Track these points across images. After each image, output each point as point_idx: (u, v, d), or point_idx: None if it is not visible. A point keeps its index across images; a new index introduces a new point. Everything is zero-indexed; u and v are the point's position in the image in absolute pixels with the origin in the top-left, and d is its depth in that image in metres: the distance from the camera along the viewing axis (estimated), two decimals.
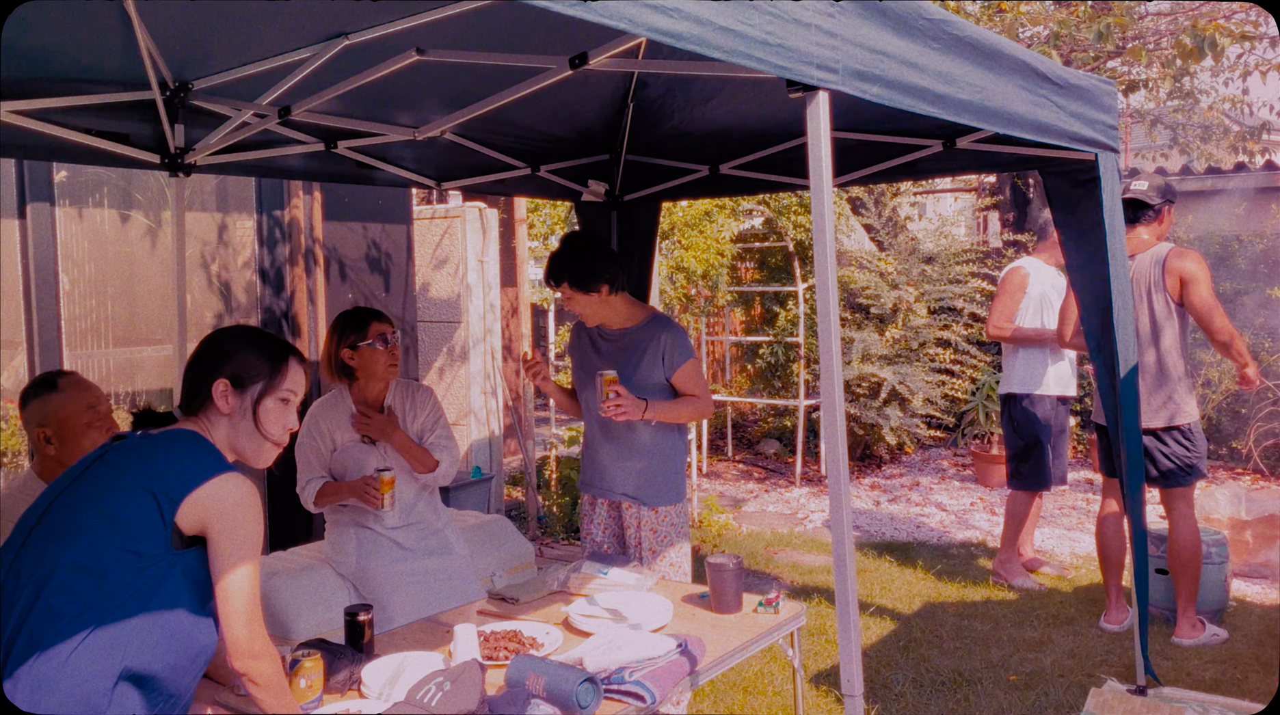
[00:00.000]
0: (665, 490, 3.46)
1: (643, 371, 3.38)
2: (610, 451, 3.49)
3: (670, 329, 3.42)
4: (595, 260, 3.36)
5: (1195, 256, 4.30)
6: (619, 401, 3.21)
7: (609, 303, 3.40)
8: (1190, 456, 4.30)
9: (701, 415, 3.54)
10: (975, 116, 2.65)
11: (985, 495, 7.26)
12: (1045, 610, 4.81)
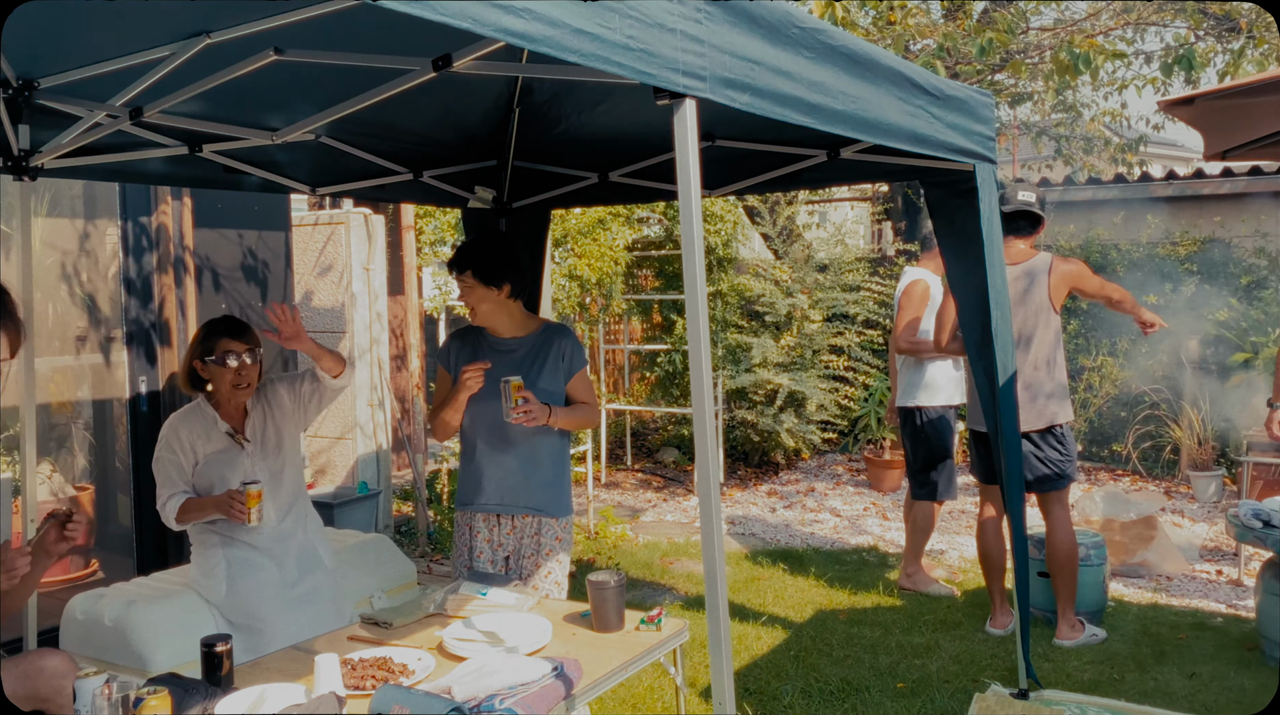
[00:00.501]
0: (566, 500, 3.44)
1: (545, 378, 3.33)
2: (511, 463, 3.38)
3: (568, 335, 3.42)
4: (505, 257, 3.32)
5: (1074, 260, 4.51)
6: (528, 407, 3.14)
7: (504, 305, 3.34)
8: (1064, 460, 4.41)
9: (592, 423, 3.53)
10: (850, 127, 2.64)
11: (878, 500, 7.35)
12: (934, 616, 4.86)
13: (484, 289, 3.29)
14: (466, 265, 3.29)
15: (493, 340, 3.42)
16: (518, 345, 3.38)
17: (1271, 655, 4.25)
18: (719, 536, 2.04)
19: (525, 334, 3.39)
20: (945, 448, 5.08)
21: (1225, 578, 5.47)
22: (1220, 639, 4.56)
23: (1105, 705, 3.82)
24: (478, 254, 3.30)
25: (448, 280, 6.62)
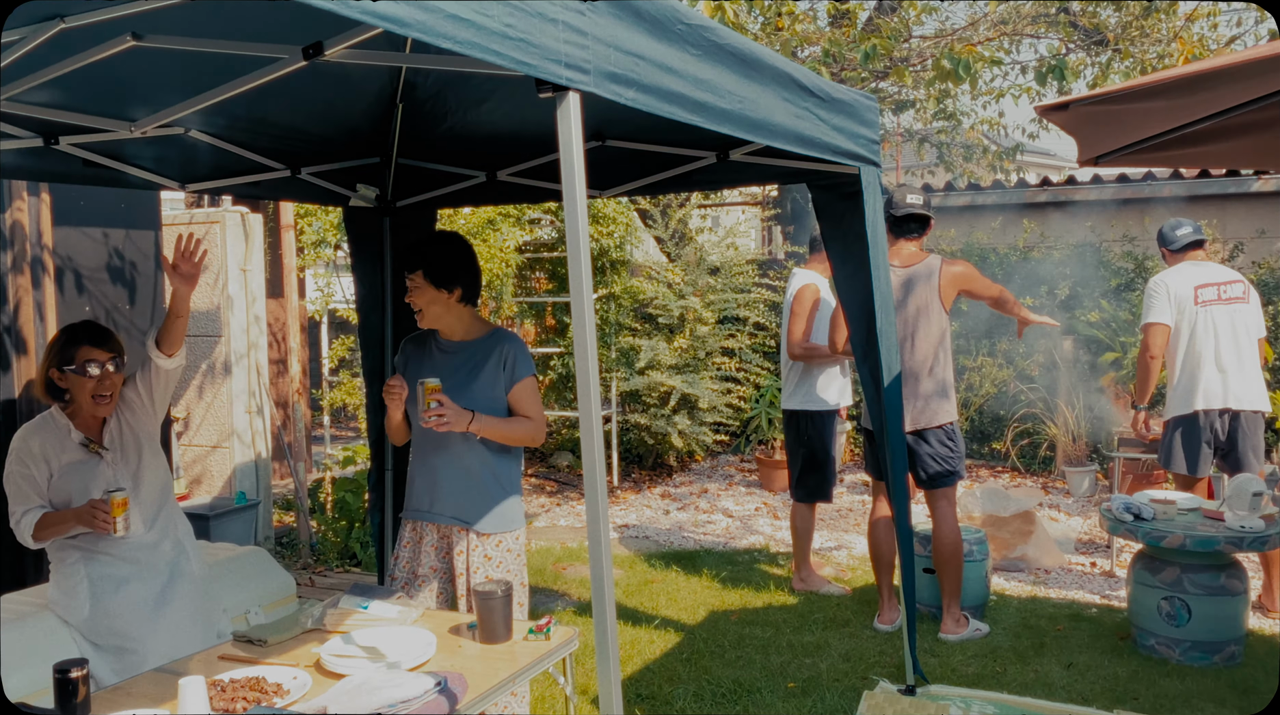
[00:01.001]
0: (503, 515, 3.20)
1: (482, 383, 3.15)
2: (438, 469, 3.23)
3: (514, 343, 3.23)
4: (460, 261, 3.18)
5: (962, 261, 4.61)
6: (441, 411, 2.99)
7: (453, 308, 3.18)
8: (952, 457, 4.50)
9: (532, 439, 3.21)
10: (737, 127, 2.62)
11: (769, 500, 7.42)
12: (824, 614, 4.91)
13: (434, 291, 3.13)
14: (418, 265, 3.12)
15: (442, 343, 3.27)
16: (462, 349, 3.23)
17: (1143, 643, 4.41)
18: (607, 544, 1.99)
19: (472, 339, 3.24)
20: (826, 451, 5.14)
21: (1099, 569, 5.67)
22: (1095, 629, 4.72)
23: (989, 699, 3.91)
24: (431, 253, 3.14)
25: (330, 282, 6.42)
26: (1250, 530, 4.18)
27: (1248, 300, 4.82)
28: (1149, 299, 4.91)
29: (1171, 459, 4.92)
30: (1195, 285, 4.82)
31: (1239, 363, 4.76)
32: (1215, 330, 4.78)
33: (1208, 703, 3.89)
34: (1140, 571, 4.42)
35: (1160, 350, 4.84)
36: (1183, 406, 4.83)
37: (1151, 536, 4.28)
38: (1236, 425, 4.77)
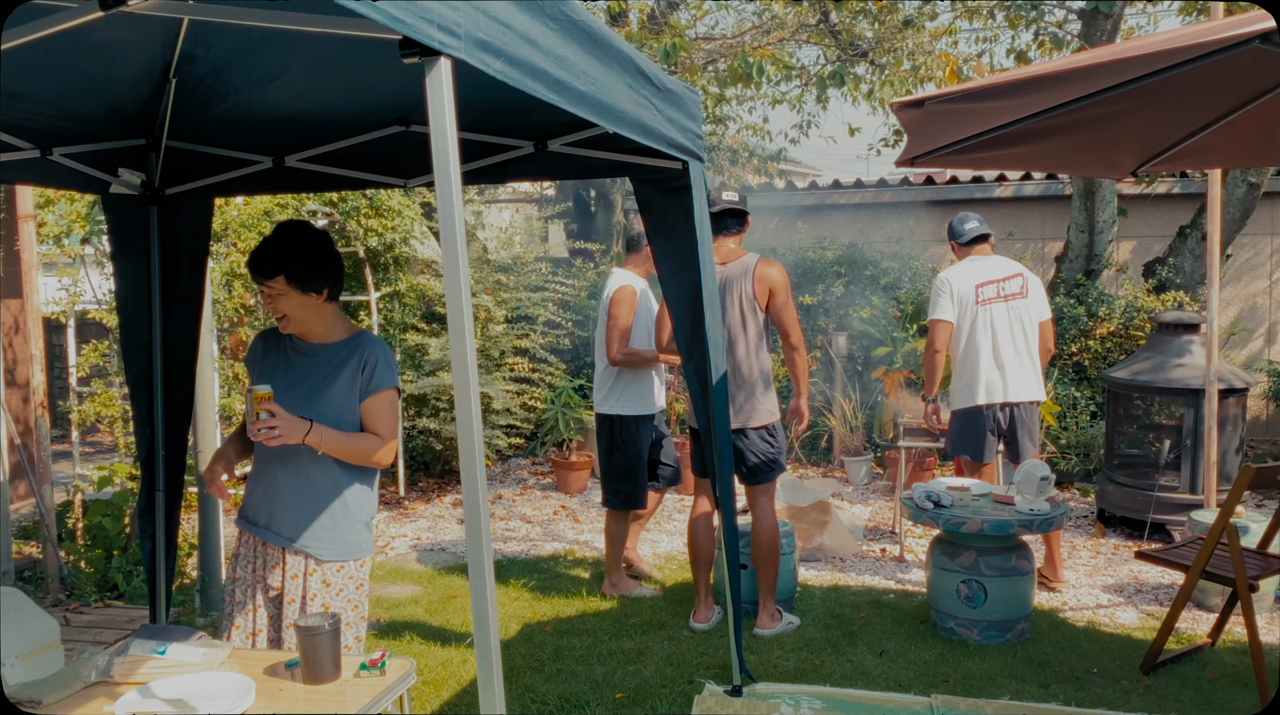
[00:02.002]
0: (344, 542, 2.84)
1: (338, 390, 2.79)
2: (280, 482, 2.82)
3: (377, 346, 2.86)
4: (325, 257, 2.81)
5: (779, 266, 4.55)
6: (272, 422, 2.60)
7: (321, 310, 2.82)
8: (774, 452, 4.52)
9: (379, 461, 2.82)
10: (591, 110, 2.45)
11: (567, 503, 7.28)
12: (639, 618, 4.82)
13: (301, 296, 2.76)
14: (277, 269, 2.73)
15: (299, 343, 2.87)
16: (321, 351, 2.85)
17: (943, 626, 4.60)
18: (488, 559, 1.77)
19: (335, 341, 2.86)
20: (640, 457, 5.04)
21: (889, 555, 5.91)
22: (896, 614, 4.89)
23: (816, 693, 3.93)
24: (293, 254, 2.75)
25: (76, 281, 5.68)
26: (1038, 512, 4.45)
27: (1026, 295, 5.13)
28: (934, 296, 5.16)
29: (959, 447, 5.19)
30: (977, 284, 5.10)
31: (1016, 358, 5.09)
32: (993, 328, 5.08)
33: (1009, 680, 4.10)
34: (939, 557, 4.61)
35: (944, 345, 5.10)
36: (966, 400, 5.12)
37: (951, 523, 4.47)
38: (1015, 416, 5.11)
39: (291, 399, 2.72)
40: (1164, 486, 6.03)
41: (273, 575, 2.87)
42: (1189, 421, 5.99)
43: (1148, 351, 6.32)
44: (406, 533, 6.52)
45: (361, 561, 2.89)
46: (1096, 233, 8.10)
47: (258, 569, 2.89)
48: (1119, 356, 7.69)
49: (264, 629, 2.88)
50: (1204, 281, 8.28)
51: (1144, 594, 5.24)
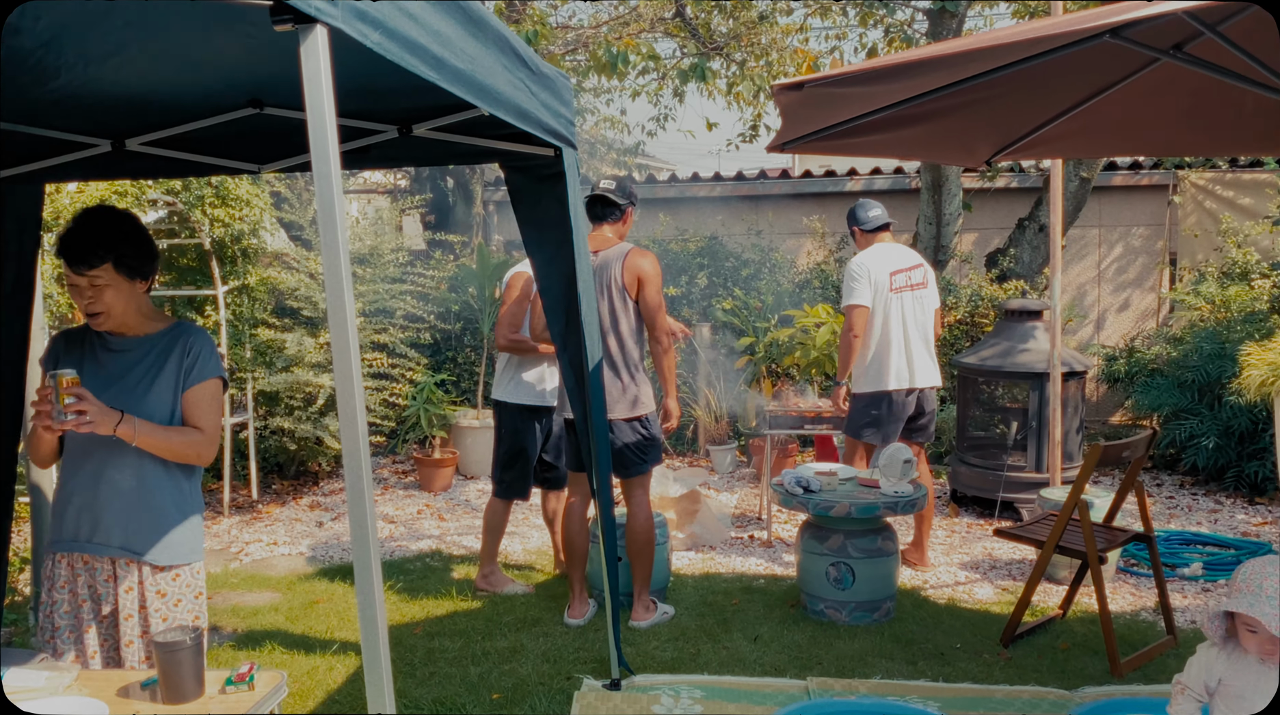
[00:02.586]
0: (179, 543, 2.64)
1: (161, 387, 2.59)
2: (94, 486, 2.58)
3: (200, 335, 2.67)
4: (149, 242, 2.61)
5: (652, 258, 4.50)
6: (81, 408, 2.37)
7: (141, 300, 2.62)
8: (650, 444, 4.50)
9: (198, 456, 2.63)
10: (469, 90, 2.35)
11: (431, 501, 7.09)
12: (512, 615, 4.72)
13: (128, 285, 2.54)
14: (106, 256, 2.49)
15: (109, 339, 2.62)
16: (137, 346, 2.63)
17: (813, 608, 4.69)
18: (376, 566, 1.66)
19: (152, 332, 2.65)
20: (524, 447, 4.95)
21: (758, 541, 5.99)
22: (767, 599, 4.95)
23: (694, 682, 3.93)
24: (121, 240, 2.53)
25: None
26: (903, 495, 4.57)
27: (927, 285, 5.34)
28: (850, 281, 5.23)
29: (862, 431, 5.30)
30: (891, 271, 5.23)
31: (924, 346, 5.29)
32: (904, 316, 5.24)
33: (879, 659, 4.20)
34: (808, 541, 4.69)
35: (862, 330, 5.19)
36: (875, 384, 5.24)
37: (820, 507, 4.55)
38: (922, 399, 5.28)
39: (105, 402, 2.48)
40: (1012, 466, 6.32)
41: (104, 591, 2.64)
42: (1034, 404, 6.29)
43: (995, 337, 6.61)
44: (261, 538, 6.21)
45: (197, 567, 2.71)
46: (943, 225, 8.43)
47: (79, 590, 2.65)
48: (966, 343, 8.03)
49: (97, 651, 2.66)
50: (1041, 271, 8.74)
51: (998, 570, 5.48)
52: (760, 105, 11.05)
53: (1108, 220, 9.49)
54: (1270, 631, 2.36)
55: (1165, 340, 8.01)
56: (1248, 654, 2.49)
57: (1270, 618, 2.35)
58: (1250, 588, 2.42)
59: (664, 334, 4.49)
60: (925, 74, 2.54)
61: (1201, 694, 2.61)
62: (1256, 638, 2.43)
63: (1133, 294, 9.54)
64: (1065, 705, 3.71)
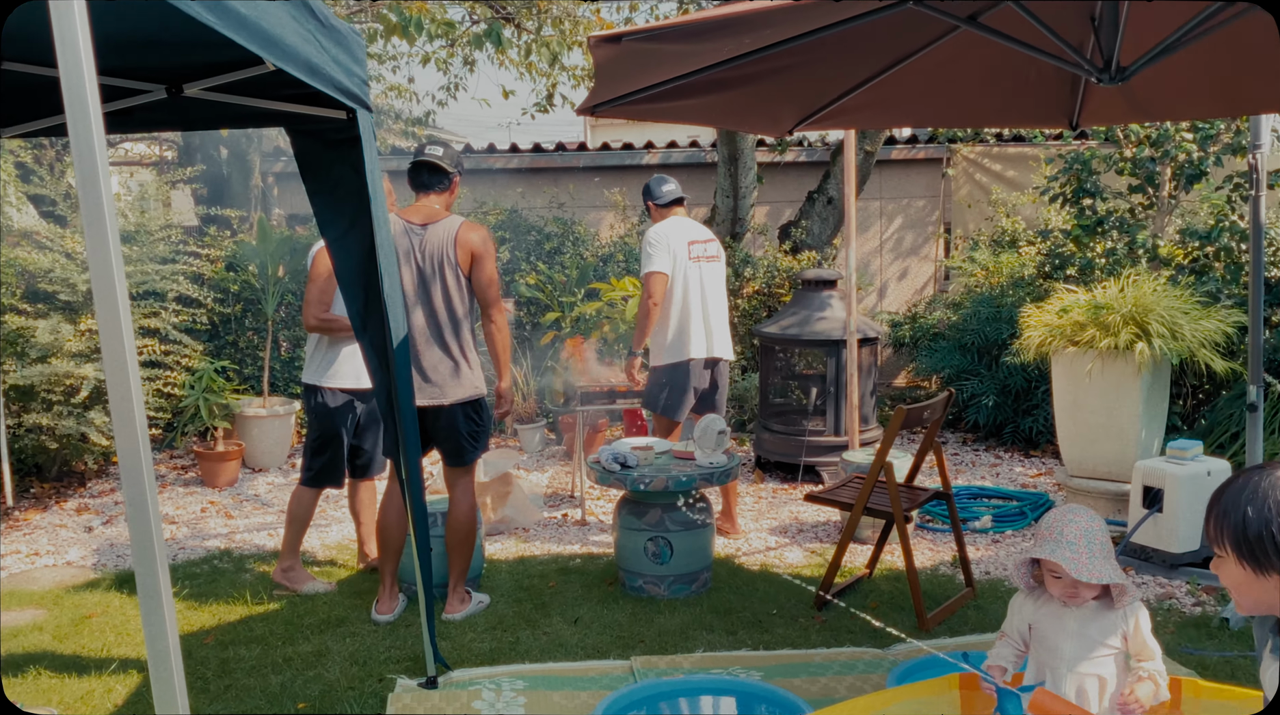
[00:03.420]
0: None
1: None
2: None
3: None
4: None
5: (485, 231, 4.28)
6: None
7: None
8: (481, 431, 4.30)
9: None
10: (254, 40, 2.08)
11: (216, 497, 6.57)
12: (314, 617, 4.41)
13: None
14: None
15: None
16: None
17: (631, 585, 4.63)
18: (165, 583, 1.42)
19: None
20: (335, 432, 4.61)
21: (572, 520, 5.89)
22: (585, 579, 4.86)
23: (516, 672, 3.79)
24: None
25: None
26: (718, 465, 4.58)
27: (720, 259, 5.37)
28: (649, 249, 5.16)
29: (659, 404, 5.25)
30: (688, 240, 5.21)
31: (719, 316, 5.30)
32: (703, 285, 5.23)
33: (700, 631, 4.19)
34: (626, 517, 4.62)
35: (661, 297, 5.13)
36: (676, 355, 5.20)
37: (639, 483, 4.48)
38: (717, 372, 5.28)
39: None
40: (813, 431, 6.49)
41: None
42: (832, 370, 6.47)
43: (793, 307, 6.76)
44: (20, 548, 5.56)
45: None
46: (740, 197, 8.55)
47: None
48: (764, 313, 8.20)
49: None
50: (831, 241, 9.04)
51: (805, 533, 5.61)
52: (554, 75, 10.88)
53: (888, 193, 9.92)
54: (1070, 576, 2.46)
55: (945, 306, 8.46)
56: (1054, 600, 2.59)
57: (1069, 562, 2.45)
58: (1052, 535, 2.52)
59: (499, 312, 4.28)
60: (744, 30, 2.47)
61: (1017, 639, 2.70)
62: (1060, 582, 2.53)
63: (912, 263, 10.03)
64: (881, 663, 3.80)
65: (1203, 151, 6.76)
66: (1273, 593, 1.74)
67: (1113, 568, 2.47)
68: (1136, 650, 2.52)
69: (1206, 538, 1.81)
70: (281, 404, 7.33)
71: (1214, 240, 6.65)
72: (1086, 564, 2.45)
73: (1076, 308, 5.50)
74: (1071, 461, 5.65)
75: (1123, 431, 5.36)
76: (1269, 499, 1.71)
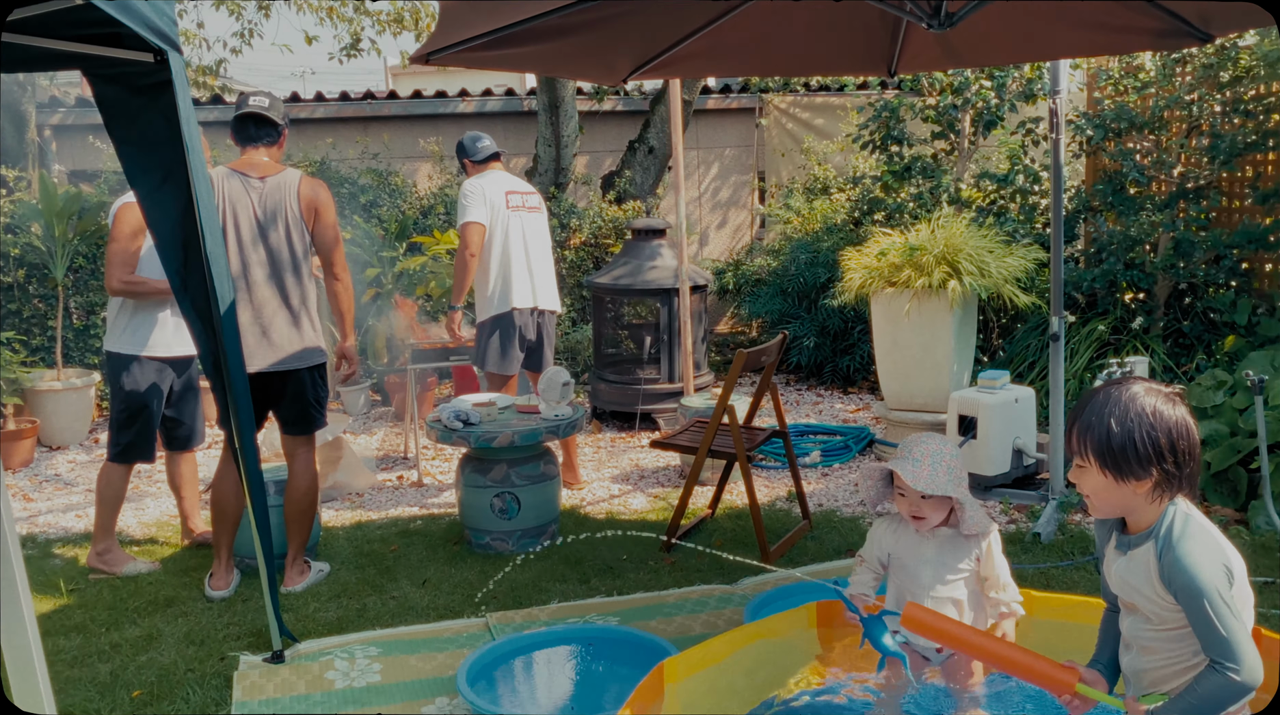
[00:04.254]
0: None
1: None
2: None
3: None
4: None
5: (325, 187, 4.08)
6: None
7: None
8: (323, 396, 4.12)
9: None
10: None
11: (11, 480, 6.03)
12: (139, 598, 4.14)
13: None
14: None
15: None
16: None
17: (478, 542, 4.57)
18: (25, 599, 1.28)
19: None
20: (144, 404, 4.30)
21: (408, 482, 5.75)
22: (428, 540, 4.76)
23: (367, 639, 3.68)
24: None
25: None
26: (563, 417, 4.56)
27: (542, 211, 5.31)
28: (465, 200, 5.04)
29: (488, 359, 5.16)
30: (506, 190, 5.11)
31: (544, 268, 5.23)
32: (525, 236, 5.15)
33: (553, 582, 4.18)
34: (470, 475, 4.54)
35: (478, 248, 5.02)
36: (500, 306, 5.11)
37: (483, 439, 4.41)
38: (543, 323, 5.22)
39: None
40: (648, 380, 6.56)
41: None
42: (664, 318, 6.55)
43: (624, 257, 6.77)
44: None
45: None
46: (563, 146, 8.47)
47: None
48: (591, 265, 8.19)
49: None
50: (654, 190, 9.10)
51: (647, 479, 5.69)
52: (358, 21, 10.42)
53: (704, 143, 10.07)
54: (909, 486, 2.58)
55: (766, 252, 8.69)
56: (908, 526, 2.72)
57: (910, 474, 2.57)
58: (903, 453, 2.64)
59: (343, 268, 4.09)
60: None
61: (877, 566, 2.83)
62: (906, 501, 2.65)
63: (729, 212, 10.24)
64: (731, 598, 3.91)
65: (999, 99, 7.17)
66: (1129, 497, 1.89)
67: (955, 486, 2.60)
68: (988, 574, 2.68)
69: (1068, 450, 1.94)
70: (78, 376, 6.79)
71: (1010, 183, 7.10)
72: (926, 477, 2.57)
73: (893, 250, 5.75)
74: (891, 396, 5.94)
75: (938, 365, 5.68)
76: (1129, 411, 1.85)
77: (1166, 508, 1.89)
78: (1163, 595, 1.87)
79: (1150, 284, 6.34)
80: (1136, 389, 1.90)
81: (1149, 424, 1.84)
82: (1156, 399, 1.88)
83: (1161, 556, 1.86)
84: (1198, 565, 1.82)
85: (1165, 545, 1.86)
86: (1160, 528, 1.89)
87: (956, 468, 2.61)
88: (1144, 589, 1.91)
